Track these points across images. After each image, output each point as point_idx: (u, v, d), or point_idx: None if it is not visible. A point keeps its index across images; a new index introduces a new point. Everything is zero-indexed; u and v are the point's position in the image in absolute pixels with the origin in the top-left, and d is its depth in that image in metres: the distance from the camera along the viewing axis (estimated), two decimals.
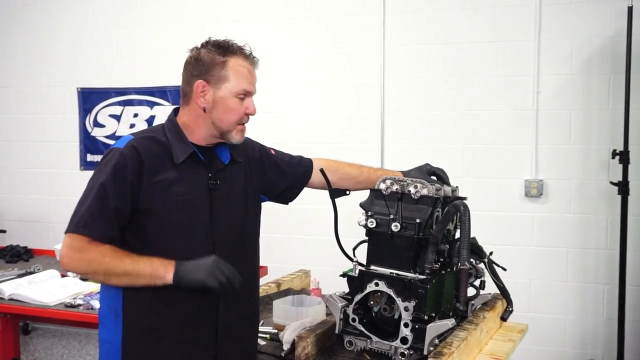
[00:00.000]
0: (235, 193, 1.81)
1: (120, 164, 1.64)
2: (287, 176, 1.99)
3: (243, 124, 1.78)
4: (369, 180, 2.03)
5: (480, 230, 2.06)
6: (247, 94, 1.75)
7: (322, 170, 1.97)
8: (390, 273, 1.78)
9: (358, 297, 1.77)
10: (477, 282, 2.09)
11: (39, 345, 4.35)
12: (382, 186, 1.86)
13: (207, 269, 1.59)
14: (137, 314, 1.68)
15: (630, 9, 3.27)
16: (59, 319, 2.83)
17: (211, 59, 1.72)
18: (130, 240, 1.67)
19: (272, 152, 2.01)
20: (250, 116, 1.80)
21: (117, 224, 1.64)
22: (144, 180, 1.65)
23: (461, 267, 1.68)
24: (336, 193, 2.01)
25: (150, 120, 4.41)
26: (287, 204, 2.08)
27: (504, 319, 2.14)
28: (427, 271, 1.74)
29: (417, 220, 1.77)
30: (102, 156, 1.72)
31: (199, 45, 1.76)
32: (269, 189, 1.96)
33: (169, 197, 1.67)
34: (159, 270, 1.60)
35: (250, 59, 1.78)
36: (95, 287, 3.02)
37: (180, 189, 1.68)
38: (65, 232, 1.64)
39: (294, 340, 1.82)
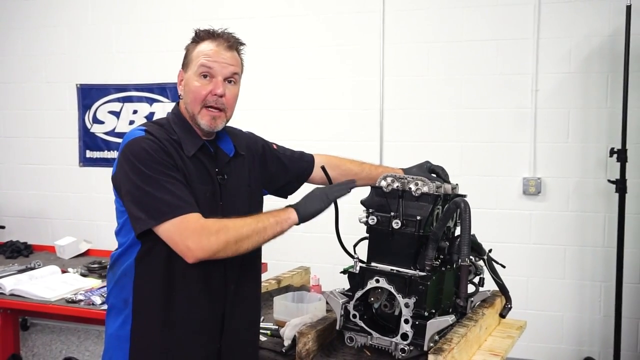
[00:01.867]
0: (241, 187, 1.81)
1: (155, 148, 1.61)
2: (288, 171, 2.00)
3: (212, 108, 1.70)
4: (369, 177, 2.04)
5: (479, 228, 2.08)
6: (207, 71, 1.69)
7: (323, 168, 1.97)
8: (391, 270, 1.79)
9: (359, 294, 1.78)
10: (476, 279, 2.11)
11: (37, 341, 4.36)
12: (383, 183, 1.87)
13: (319, 198, 1.73)
14: (146, 303, 1.68)
15: (628, 8, 3.29)
16: (60, 314, 2.84)
17: (187, 47, 1.77)
18: (150, 232, 1.64)
19: (274, 146, 2.01)
20: (219, 99, 1.70)
21: (188, 191, 1.61)
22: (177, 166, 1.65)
23: (462, 263, 1.69)
24: None
25: (149, 117, 4.41)
26: (286, 197, 2.09)
27: (502, 315, 2.15)
28: (427, 268, 1.75)
29: (418, 218, 1.78)
30: (123, 149, 1.64)
31: None
32: (270, 183, 1.97)
33: (198, 189, 1.66)
34: (281, 215, 1.67)
35: (220, 40, 1.72)
36: (95, 282, 3.03)
37: (196, 182, 1.68)
38: (159, 225, 1.55)
39: (295, 336, 1.83)
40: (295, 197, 2.11)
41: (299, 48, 4.09)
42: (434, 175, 2.08)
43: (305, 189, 2.09)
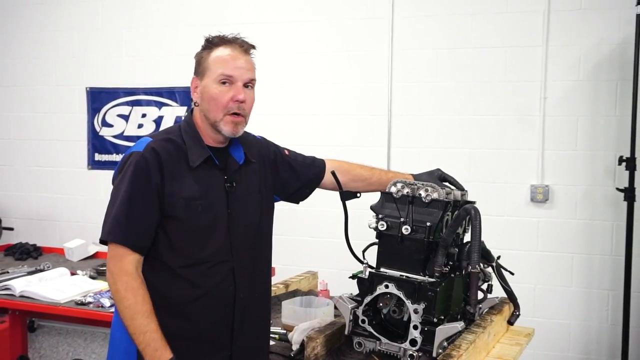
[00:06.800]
0: (251, 194, 1.82)
1: (141, 168, 1.65)
2: (299, 177, 2.01)
3: (234, 114, 1.71)
4: (380, 183, 2.05)
5: (486, 235, 2.07)
6: (228, 78, 1.70)
7: (333, 173, 1.99)
8: (400, 275, 1.80)
9: (368, 299, 1.79)
10: (484, 286, 2.11)
11: (44, 343, 4.36)
12: (393, 189, 1.88)
13: None
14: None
15: (638, 17, 3.27)
16: (69, 316, 2.85)
17: (200, 55, 1.76)
18: (155, 244, 1.68)
19: (286, 152, 2.02)
20: (241, 105, 1.71)
21: (146, 231, 1.65)
22: (165, 183, 1.66)
23: (472, 270, 1.69)
24: (347, 195, 2.03)
25: (158, 120, 4.43)
26: (297, 203, 2.10)
27: (511, 322, 2.15)
28: (436, 274, 1.75)
29: (428, 224, 1.79)
30: (121, 160, 1.72)
31: None
32: (281, 189, 1.98)
33: (190, 204, 1.67)
34: (154, 356, 1.59)
35: (234, 45, 1.72)
36: (104, 285, 3.04)
37: (199, 194, 1.69)
38: (106, 241, 1.67)
39: (304, 340, 1.83)
40: (304, 205, 2.13)
41: (308, 53, 4.10)
42: (446, 183, 2.09)
43: (315, 194, 2.12)
